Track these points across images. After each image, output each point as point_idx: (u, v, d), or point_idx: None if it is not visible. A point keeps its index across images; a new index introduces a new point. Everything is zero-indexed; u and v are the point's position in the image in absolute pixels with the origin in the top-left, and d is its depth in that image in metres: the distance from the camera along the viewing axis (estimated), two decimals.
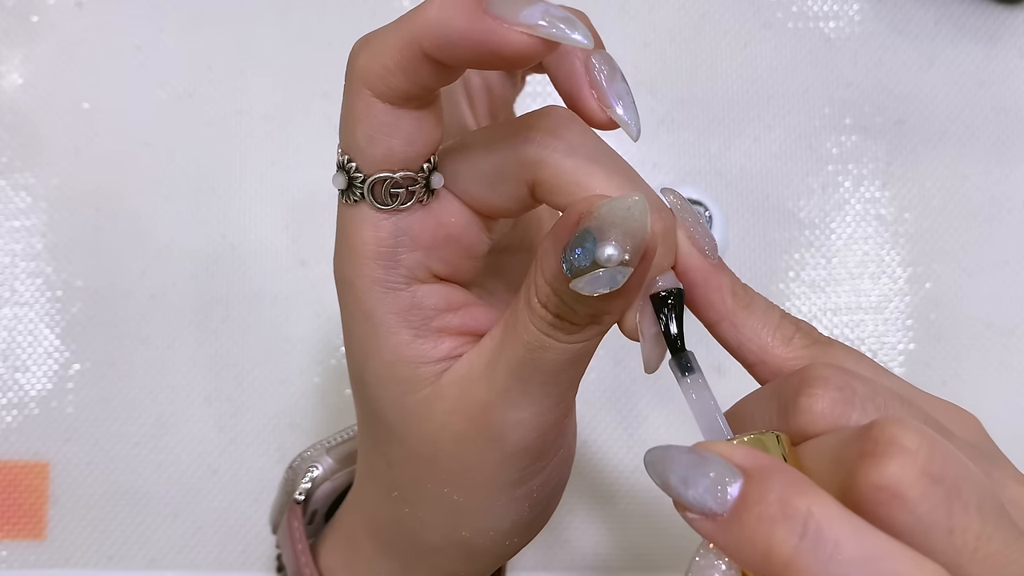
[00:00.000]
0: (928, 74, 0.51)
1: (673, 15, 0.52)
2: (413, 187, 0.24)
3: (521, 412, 0.24)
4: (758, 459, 0.19)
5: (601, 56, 0.24)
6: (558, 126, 0.23)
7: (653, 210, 0.22)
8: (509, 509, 0.26)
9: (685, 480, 0.19)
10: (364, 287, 0.25)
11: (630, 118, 0.24)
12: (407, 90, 0.23)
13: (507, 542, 0.27)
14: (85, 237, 0.48)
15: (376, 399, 0.27)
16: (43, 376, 0.47)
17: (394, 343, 0.25)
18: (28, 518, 0.46)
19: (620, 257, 0.21)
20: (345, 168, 0.24)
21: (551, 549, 0.46)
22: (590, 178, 0.23)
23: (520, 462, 0.25)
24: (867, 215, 0.50)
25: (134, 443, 0.46)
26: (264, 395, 0.47)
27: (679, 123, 0.50)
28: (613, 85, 0.24)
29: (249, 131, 0.50)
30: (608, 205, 0.21)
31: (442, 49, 0.21)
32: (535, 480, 0.26)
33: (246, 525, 0.46)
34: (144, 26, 0.50)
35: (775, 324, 0.24)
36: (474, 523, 0.27)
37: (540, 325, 0.23)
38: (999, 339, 0.49)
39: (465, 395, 0.25)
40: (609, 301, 0.22)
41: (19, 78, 0.50)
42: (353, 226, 0.25)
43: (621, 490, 0.47)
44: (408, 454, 0.27)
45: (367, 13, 0.50)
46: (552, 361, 0.23)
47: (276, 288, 0.48)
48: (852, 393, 0.21)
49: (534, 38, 0.20)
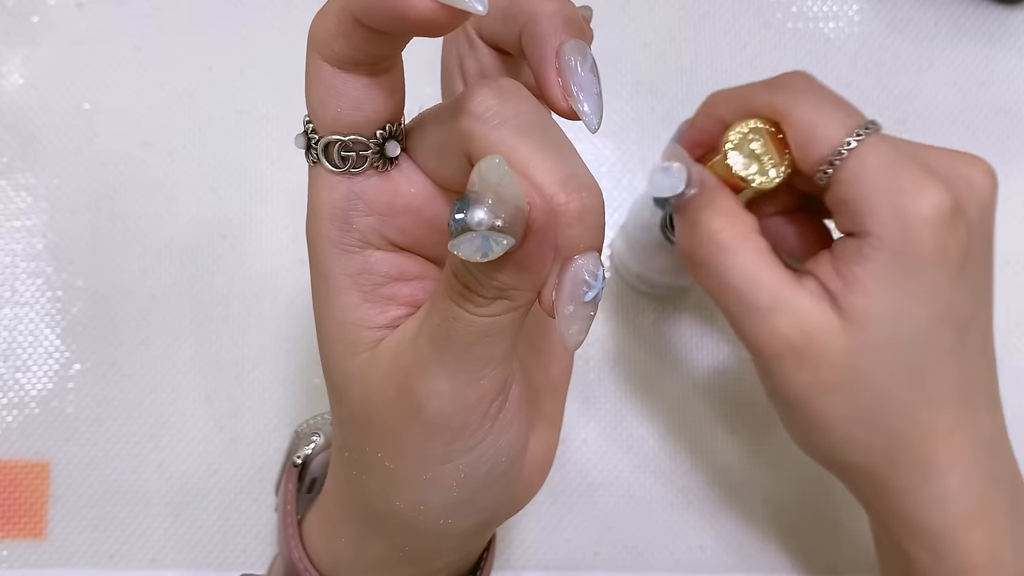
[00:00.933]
0: (928, 74, 0.51)
1: (673, 15, 0.52)
2: (365, 152, 0.25)
3: (438, 383, 0.24)
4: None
5: (575, 45, 0.25)
6: (493, 96, 0.23)
7: (567, 188, 0.22)
8: (436, 484, 0.26)
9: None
10: (321, 246, 0.26)
11: (591, 110, 0.24)
12: (349, 54, 0.23)
13: (440, 520, 0.28)
14: (85, 237, 0.48)
15: (326, 358, 0.27)
16: (44, 376, 0.47)
17: (343, 303, 0.26)
18: (28, 518, 0.46)
19: (490, 222, 0.20)
20: (305, 129, 0.26)
21: (551, 549, 0.46)
22: (512, 151, 0.22)
23: (441, 435, 0.25)
24: None
25: (134, 443, 0.47)
26: (264, 395, 0.47)
27: (679, 123, 0.50)
28: (581, 75, 0.24)
29: (249, 131, 0.50)
30: (480, 165, 0.21)
31: (365, 13, 0.22)
32: (461, 459, 0.26)
33: (246, 525, 0.46)
34: (144, 26, 0.50)
35: None
36: (405, 493, 0.27)
37: (452, 295, 0.23)
38: (999, 339, 0.49)
39: (395, 362, 0.25)
40: (505, 272, 0.22)
41: (19, 78, 0.50)
42: (313, 187, 0.26)
43: (620, 490, 0.47)
44: (349, 416, 0.28)
45: None
46: (463, 332, 0.23)
47: (276, 288, 0.48)
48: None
49: (435, 3, 0.21)
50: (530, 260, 0.22)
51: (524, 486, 0.31)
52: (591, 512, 0.46)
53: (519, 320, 0.24)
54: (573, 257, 0.23)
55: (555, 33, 0.25)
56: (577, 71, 0.25)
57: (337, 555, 0.31)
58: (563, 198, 0.22)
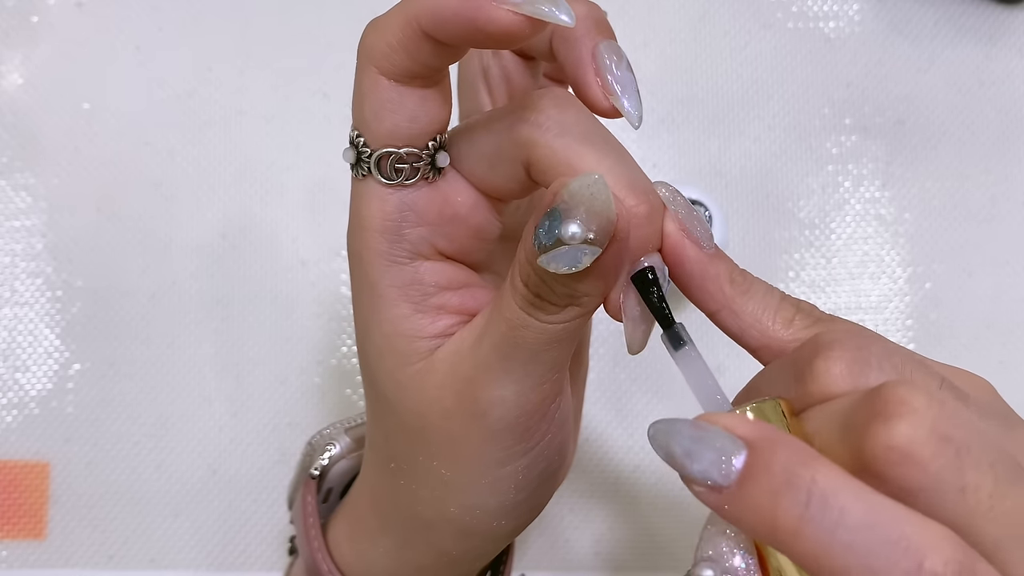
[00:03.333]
0: (928, 74, 0.51)
1: (673, 15, 0.52)
2: (418, 164, 0.25)
3: (502, 389, 0.25)
4: (760, 430, 0.19)
5: (609, 45, 0.25)
6: (552, 106, 0.24)
7: (635, 192, 0.22)
8: (495, 488, 0.27)
9: (689, 453, 0.19)
10: (369, 259, 0.26)
11: (633, 107, 0.25)
12: (409, 68, 0.23)
13: (495, 523, 0.28)
14: (85, 237, 0.48)
15: (374, 370, 0.27)
16: (43, 376, 0.47)
17: (393, 315, 0.26)
18: (28, 518, 0.46)
19: (584, 235, 0.21)
20: (354, 143, 0.25)
21: (551, 549, 0.46)
22: (579, 159, 0.23)
23: (503, 440, 0.26)
24: (867, 215, 0.50)
25: (134, 443, 0.46)
26: (264, 395, 0.47)
27: (679, 123, 0.50)
28: (618, 73, 0.25)
29: (249, 131, 0.50)
30: (573, 183, 0.21)
31: (437, 27, 0.22)
32: (519, 462, 0.26)
33: (246, 525, 0.46)
34: (144, 26, 0.50)
35: (775, 307, 0.25)
36: (461, 499, 0.27)
37: (521, 303, 0.23)
38: (999, 339, 0.49)
39: (454, 370, 0.25)
40: (584, 281, 0.22)
41: (19, 78, 0.50)
42: (362, 200, 0.26)
43: (621, 490, 0.47)
44: (401, 426, 0.27)
45: (367, 13, 0.50)
46: (532, 340, 0.24)
47: (276, 288, 0.48)
48: (869, 353, 0.21)
49: (519, 16, 0.21)
50: (608, 268, 0.22)
51: None
52: (591, 512, 0.46)
53: (584, 325, 0.24)
54: (640, 259, 0.23)
55: (589, 35, 0.25)
56: (614, 70, 0.25)
57: (372, 565, 0.31)
58: (633, 201, 0.22)
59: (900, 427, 0.18)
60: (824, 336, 0.22)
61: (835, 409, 0.20)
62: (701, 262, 0.24)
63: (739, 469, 0.19)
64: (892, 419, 0.18)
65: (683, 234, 0.24)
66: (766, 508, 0.18)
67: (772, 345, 0.24)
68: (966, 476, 0.18)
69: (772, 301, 0.25)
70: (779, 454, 0.18)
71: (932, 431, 0.18)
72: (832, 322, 0.24)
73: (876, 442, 0.18)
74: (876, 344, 0.21)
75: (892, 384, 0.19)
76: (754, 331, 0.24)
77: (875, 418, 0.18)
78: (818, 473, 0.18)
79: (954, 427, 0.18)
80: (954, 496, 0.18)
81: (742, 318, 0.24)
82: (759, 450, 0.19)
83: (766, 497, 0.18)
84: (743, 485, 0.18)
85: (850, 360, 0.21)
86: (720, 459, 0.19)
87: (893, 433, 0.18)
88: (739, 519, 0.19)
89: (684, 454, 0.19)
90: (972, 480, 0.18)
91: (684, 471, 0.19)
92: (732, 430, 0.19)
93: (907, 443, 0.18)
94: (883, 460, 0.18)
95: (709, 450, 0.19)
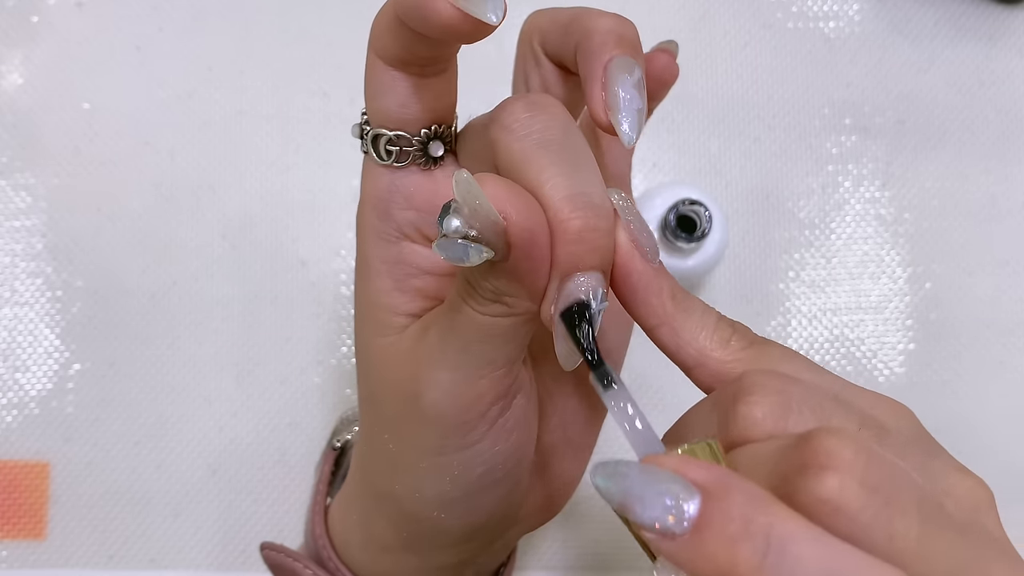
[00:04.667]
0: (928, 74, 0.51)
1: (673, 15, 0.52)
2: (408, 149, 0.26)
3: (437, 373, 0.25)
4: (713, 473, 0.19)
5: (623, 62, 0.25)
6: (523, 110, 0.24)
7: (570, 205, 0.22)
8: (431, 475, 0.27)
9: (641, 499, 0.18)
10: (364, 231, 0.27)
11: (630, 127, 0.25)
12: (396, 53, 0.24)
13: (434, 512, 0.28)
14: (85, 237, 0.48)
15: (358, 334, 0.29)
16: (43, 376, 0.47)
17: (377, 287, 0.27)
18: (28, 518, 0.46)
19: (463, 231, 0.21)
20: (360, 120, 0.27)
21: (551, 549, 0.46)
22: (527, 164, 0.23)
23: (437, 427, 0.26)
24: (867, 215, 0.50)
25: (134, 443, 0.47)
26: (264, 395, 0.47)
27: (679, 123, 0.50)
28: (621, 91, 0.24)
29: (249, 131, 0.50)
30: (454, 177, 0.22)
31: (404, 13, 0.23)
32: (455, 456, 0.26)
33: (246, 525, 0.46)
34: (144, 26, 0.50)
35: (712, 327, 0.24)
36: (403, 477, 0.28)
37: (457, 287, 0.24)
38: (999, 339, 0.49)
39: (412, 350, 0.26)
40: (500, 280, 0.23)
41: (19, 78, 0.50)
42: (363, 174, 0.27)
43: None
44: (369, 394, 0.29)
45: (367, 13, 0.50)
46: (464, 327, 0.24)
47: (276, 288, 0.48)
48: (789, 398, 0.21)
49: (456, 10, 0.22)
50: (519, 272, 0.22)
51: (538, 504, 0.31)
52: (591, 512, 0.46)
53: (520, 327, 0.24)
54: (574, 275, 0.22)
55: (605, 48, 0.25)
56: (622, 86, 0.25)
57: (349, 534, 0.32)
58: (565, 215, 0.22)
59: (830, 480, 0.18)
60: (747, 379, 0.22)
61: (761, 453, 0.20)
62: (647, 275, 0.24)
63: (693, 515, 0.18)
64: (822, 472, 0.18)
65: (633, 246, 0.24)
66: (724, 556, 0.18)
67: (708, 364, 0.24)
68: (894, 524, 0.18)
69: (710, 321, 0.25)
70: (735, 499, 0.18)
71: (862, 484, 0.18)
72: (765, 346, 0.24)
73: (807, 494, 0.18)
74: (796, 387, 0.22)
75: (819, 434, 0.19)
76: (691, 349, 0.24)
77: (805, 470, 0.19)
78: (775, 519, 0.18)
79: (881, 477, 0.18)
80: (884, 543, 0.18)
81: (681, 335, 0.24)
82: (714, 495, 0.18)
83: (724, 545, 0.18)
84: (699, 532, 0.18)
85: (771, 404, 0.21)
86: (673, 505, 0.18)
87: (824, 486, 0.18)
88: (693, 567, 0.18)
89: (636, 500, 0.19)
90: (900, 528, 0.18)
91: (635, 517, 0.19)
92: (684, 473, 0.19)
93: (837, 496, 0.18)
94: (814, 511, 0.18)
95: (662, 495, 0.18)
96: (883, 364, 0.49)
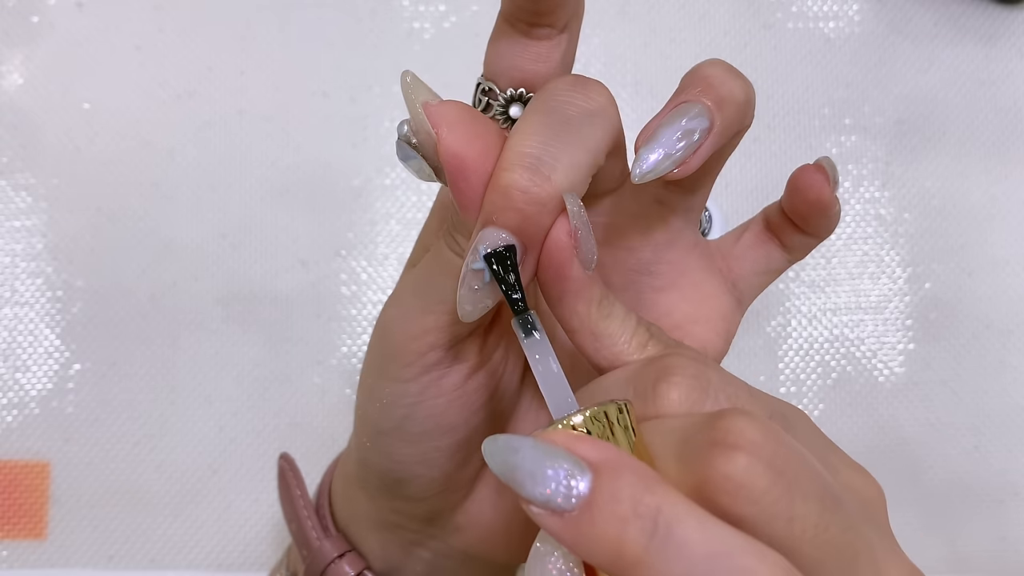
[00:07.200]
0: (928, 74, 0.51)
1: (673, 15, 0.52)
2: (492, 102, 0.26)
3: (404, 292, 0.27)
4: (606, 452, 0.19)
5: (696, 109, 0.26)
6: (569, 84, 0.25)
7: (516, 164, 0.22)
8: (371, 395, 0.28)
9: (532, 475, 0.18)
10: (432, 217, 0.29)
11: (649, 165, 0.25)
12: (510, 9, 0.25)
13: (363, 439, 0.29)
14: (85, 237, 0.48)
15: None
16: (43, 376, 0.47)
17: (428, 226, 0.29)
18: (28, 518, 0.46)
19: (407, 136, 0.23)
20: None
21: None
22: (523, 119, 0.24)
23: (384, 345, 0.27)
24: (867, 215, 0.50)
25: (134, 443, 0.47)
26: (264, 395, 0.47)
27: None
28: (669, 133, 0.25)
29: (249, 131, 0.50)
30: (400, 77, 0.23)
31: None
32: (388, 384, 0.27)
33: (246, 525, 0.46)
34: (144, 26, 0.50)
35: (631, 331, 0.25)
36: (360, 391, 0.29)
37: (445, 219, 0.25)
38: (999, 339, 0.49)
39: None
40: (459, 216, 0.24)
41: (19, 78, 0.50)
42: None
43: None
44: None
45: (367, 13, 0.50)
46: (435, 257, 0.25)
47: (276, 288, 0.48)
48: (707, 383, 0.22)
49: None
50: (452, 184, 0.23)
51: (485, 524, 0.30)
52: None
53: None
54: (488, 225, 0.23)
55: (690, 90, 0.26)
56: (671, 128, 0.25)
57: (336, 495, 0.33)
58: (503, 165, 0.23)
59: (739, 459, 0.18)
60: (668, 360, 0.22)
61: (673, 427, 0.21)
62: (580, 282, 0.24)
63: (583, 494, 0.18)
64: (731, 450, 0.19)
65: (574, 251, 0.24)
66: (611, 536, 0.18)
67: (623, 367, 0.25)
68: (795, 507, 0.19)
69: (629, 325, 0.25)
70: (624, 479, 0.18)
71: (768, 465, 0.19)
72: (679, 349, 0.25)
73: (714, 470, 0.19)
74: (715, 374, 0.22)
75: (732, 414, 0.19)
76: (608, 352, 0.25)
77: (715, 446, 0.19)
78: (663, 500, 0.18)
79: (787, 461, 0.19)
80: (783, 524, 0.19)
81: (600, 340, 0.25)
82: (604, 475, 0.18)
83: (611, 524, 0.18)
84: (587, 511, 0.18)
85: (689, 387, 0.22)
86: (563, 482, 0.18)
87: (732, 464, 0.18)
88: (578, 545, 0.18)
89: (526, 475, 0.18)
90: (800, 511, 0.19)
91: (524, 493, 0.18)
92: (575, 451, 0.19)
93: (744, 474, 0.18)
94: (719, 487, 0.18)
95: (552, 471, 0.18)
96: (883, 364, 0.49)
